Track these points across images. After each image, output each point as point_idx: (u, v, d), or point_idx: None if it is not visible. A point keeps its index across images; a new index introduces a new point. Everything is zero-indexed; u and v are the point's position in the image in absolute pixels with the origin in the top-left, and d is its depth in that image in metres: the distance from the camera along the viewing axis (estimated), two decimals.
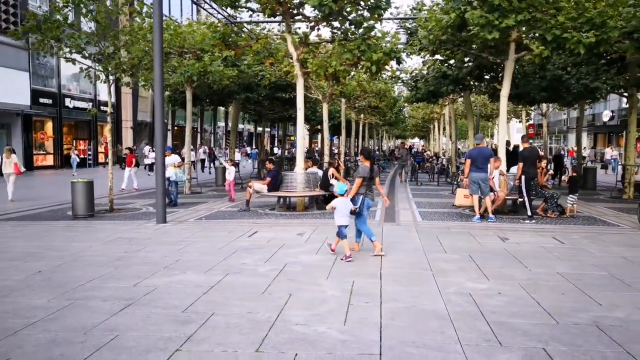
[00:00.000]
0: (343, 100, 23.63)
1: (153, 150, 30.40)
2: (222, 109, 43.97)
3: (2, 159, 16.20)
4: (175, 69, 16.37)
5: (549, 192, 11.69)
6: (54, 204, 14.07)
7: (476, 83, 17.47)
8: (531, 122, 46.65)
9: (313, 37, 14.06)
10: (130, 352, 4.01)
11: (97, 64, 13.24)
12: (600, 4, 10.58)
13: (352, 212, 7.40)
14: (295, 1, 12.34)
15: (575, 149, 23.23)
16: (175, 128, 42.65)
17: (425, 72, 19.16)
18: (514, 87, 13.61)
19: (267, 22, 15.20)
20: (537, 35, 10.94)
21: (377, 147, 55.63)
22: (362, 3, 11.79)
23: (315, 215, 11.86)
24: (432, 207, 13.30)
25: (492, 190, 11.05)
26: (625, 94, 16.95)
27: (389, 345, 4.13)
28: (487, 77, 16.41)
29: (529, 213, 10.99)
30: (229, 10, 14.69)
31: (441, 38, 12.07)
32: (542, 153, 15.72)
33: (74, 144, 33.60)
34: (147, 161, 27.63)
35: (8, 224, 10.78)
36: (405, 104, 37.30)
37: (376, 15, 12.14)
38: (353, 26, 12.43)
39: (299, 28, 13.42)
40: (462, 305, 5.14)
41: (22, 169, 16.01)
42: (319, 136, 51.37)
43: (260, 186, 13.05)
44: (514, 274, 6.39)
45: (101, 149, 35.12)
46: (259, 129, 38.69)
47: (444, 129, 37.46)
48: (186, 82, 16.73)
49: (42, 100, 29.88)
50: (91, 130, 35.64)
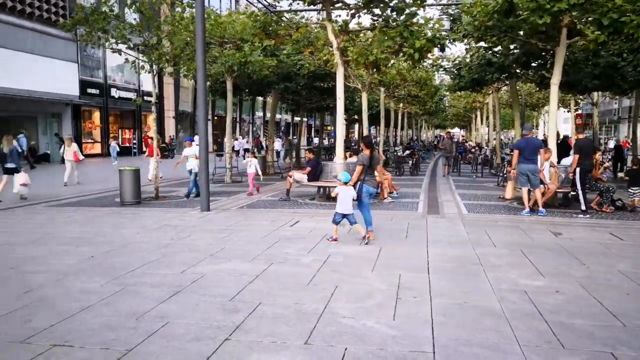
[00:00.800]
0: (382, 89, 23.38)
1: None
2: (260, 98, 44.21)
3: (64, 146, 17.38)
4: (216, 59, 16.50)
5: (604, 185, 11.22)
6: (103, 191, 14.48)
7: (523, 71, 16.93)
8: (579, 111, 45.07)
9: (353, 25, 13.91)
10: (180, 340, 4.08)
11: (141, 55, 13.48)
12: None
13: (355, 200, 7.77)
14: None
15: (629, 140, 22.31)
16: (215, 118, 43.28)
17: (468, 60, 18.72)
18: (564, 75, 13.09)
19: (307, 10, 15.09)
20: (591, 19, 10.48)
21: (415, 137, 54.93)
22: None
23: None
24: (477, 199, 13.02)
25: (542, 182, 10.70)
26: None
27: (441, 343, 4.03)
28: (534, 64, 15.86)
29: (583, 207, 10.49)
30: None
31: (487, 24, 11.72)
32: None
33: (119, 133, 34.48)
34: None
35: (61, 210, 11.15)
36: (447, 93, 36.64)
37: (418, 1, 11.90)
38: (395, 13, 12.22)
39: (339, 16, 13.32)
40: (517, 303, 4.97)
41: (81, 157, 17.18)
42: (356, 126, 51.16)
43: (300, 176, 13.07)
44: (571, 271, 6.14)
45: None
46: (297, 118, 38.76)
47: (487, 118, 36.65)
48: (227, 72, 16.85)
49: (89, 91, 30.73)
50: (135, 119, 36.49)
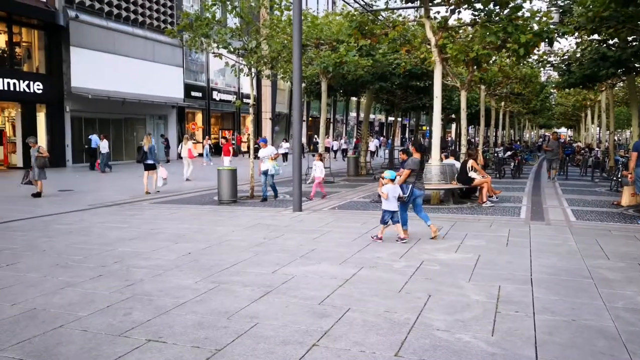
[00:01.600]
0: (482, 87, 22.37)
1: (285, 140, 31.46)
2: (354, 99, 44.25)
3: (181, 144, 18.96)
4: (312, 61, 16.65)
5: None
6: (204, 189, 15.11)
7: None
8: None
9: (452, 21, 13.40)
10: (268, 342, 4.03)
11: (240, 58, 13.90)
12: None
13: (399, 199, 7.88)
14: None
15: None
16: (310, 119, 43.93)
17: (579, 54, 17.37)
18: None
19: (405, 8, 14.74)
20: None
21: (518, 137, 52.21)
22: None
23: (452, 209, 11.32)
24: (586, 205, 11.98)
25: None
26: None
27: None
28: None
29: None
30: None
31: (602, 15, 10.77)
32: None
33: (219, 134, 36.02)
34: (280, 151, 28.59)
35: (164, 207, 11.76)
36: (554, 90, 34.40)
37: None
38: (498, 7, 11.58)
39: (438, 12, 12.86)
40: (637, 325, 4.42)
41: (195, 154, 18.16)
42: (453, 125, 49.59)
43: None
44: None
45: (244, 138, 37.23)
46: (391, 118, 38.27)
47: (598, 117, 33.94)
48: (322, 73, 16.96)
49: (193, 94, 32.41)
50: (235, 121, 37.98)
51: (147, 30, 27.97)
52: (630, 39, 13.24)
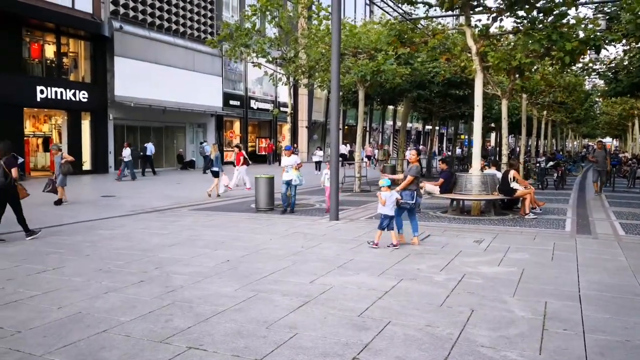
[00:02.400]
0: (524, 96, 21.90)
1: (320, 149, 31.43)
2: (391, 107, 44.02)
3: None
4: (349, 69, 16.65)
5: None
6: (241, 197, 15.24)
7: None
8: None
9: (494, 29, 13.17)
10: (307, 354, 3.99)
11: (279, 67, 14.03)
12: None
13: (398, 205, 8.12)
14: None
15: None
16: (346, 127, 43.90)
17: (627, 62, 16.80)
18: None
19: (445, 16, 14.62)
20: None
21: (560, 147, 50.86)
22: None
23: (493, 221, 11.06)
24: (636, 218, 11.46)
25: None
26: None
27: None
28: None
29: None
30: (404, 7, 14.47)
31: None
32: None
33: (256, 142, 36.40)
34: (314, 159, 28.56)
35: (202, 214, 11.90)
36: (599, 99, 33.42)
37: (569, 0, 10.89)
38: (541, 14, 11.33)
39: (479, 20, 12.67)
40: None
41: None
42: (492, 134, 48.65)
43: (432, 187, 12.61)
44: None
45: (282, 144, 37.47)
46: (428, 127, 37.88)
47: None
48: (359, 82, 16.92)
49: (231, 102, 32.89)
50: (272, 129, 38.32)
51: (188, 40, 28.57)
52: None
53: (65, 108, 22.90)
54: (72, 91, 22.85)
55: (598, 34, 11.23)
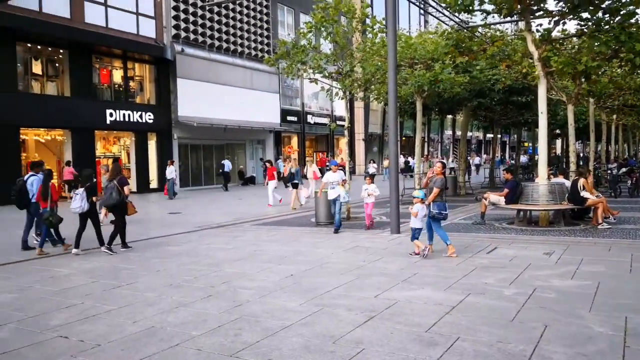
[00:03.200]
0: (592, 100, 20.97)
1: (373, 162, 31.22)
2: (450, 117, 43.32)
3: (307, 166, 19.25)
4: (406, 81, 16.56)
5: None
6: (300, 211, 15.39)
7: None
8: None
9: (556, 33, 12.75)
10: None
11: (335, 82, 14.14)
12: None
13: (431, 217, 8.39)
14: None
15: None
16: (403, 139, 43.52)
17: None
18: None
19: (504, 22, 14.32)
20: None
21: (632, 152, 48.23)
22: None
23: (563, 232, 10.61)
24: None
25: None
26: None
27: None
28: None
29: None
30: (461, 15, 14.28)
31: None
32: None
33: (314, 156, 36.71)
34: (370, 170, 28.46)
35: (264, 229, 12.10)
36: None
37: None
38: (607, 15, 10.86)
39: (540, 25, 12.31)
40: None
41: (319, 175, 18.11)
42: (557, 141, 46.77)
43: (496, 198, 12.28)
44: None
45: (338, 159, 37.63)
46: (489, 135, 36.93)
47: None
48: (416, 93, 16.78)
49: (289, 118, 33.39)
50: (328, 143, 38.56)
51: (246, 60, 29.34)
52: None
53: (133, 129, 24.01)
54: (139, 113, 23.94)
55: None
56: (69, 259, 8.97)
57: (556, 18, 11.61)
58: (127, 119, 23.39)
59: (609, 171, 21.56)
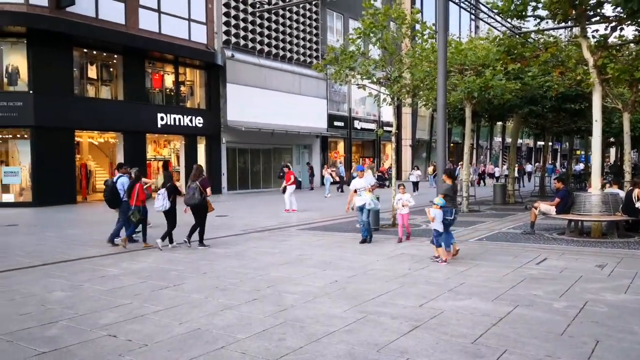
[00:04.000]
0: None
1: (416, 168, 30.76)
2: (499, 123, 42.35)
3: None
4: (455, 87, 16.34)
5: None
6: (347, 216, 15.38)
7: None
8: None
9: (613, 39, 12.29)
10: None
11: (383, 88, 14.09)
12: None
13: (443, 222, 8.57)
14: (592, 2, 10.98)
15: None
16: (451, 145, 42.86)
17: None
18: None
19: (557, 28, 13.90)
20: None
21: None
22: None
23: (617, 244, 10.20)
24: None
25: None
26: None
27: None
28: None
29: None
30: (513, 21, 13.98)
31: None
32: None
33: (360, 162, 36.66)
34: (411, 179, 27.98)
35: (309, 233, 12.18)
36: None
37: None
38: None
39: (596, 30, 11.89)
40: None
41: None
42: (612, 150, 44.95)
43: (547, 207, 11.93)
44: None
45: (386, 165, 37.41)
46: (540, 143, 35.87)
47: None
48: (466, 99, 16.53)
49: (335, 123, 33.51)
50: (375, 148, 38.43)
51: (294, 65, 29.66)
52: None
53: (183, 133, 24.67)
54: (189, 117, 24.59)
55: None
56: (119, 259, 9.30)
57: (613, 24, 11.20)
58: (177, 123, 24.06)
59: None
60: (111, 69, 22.96)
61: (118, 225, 10.72)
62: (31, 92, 19.14)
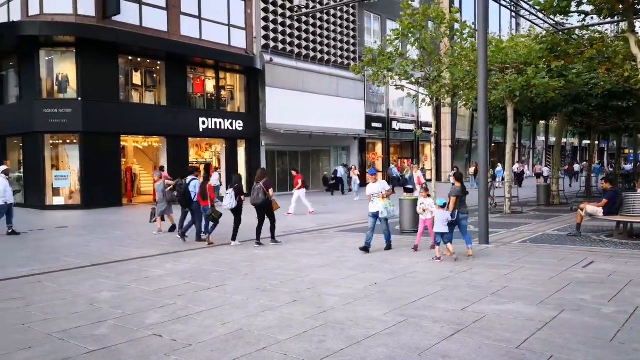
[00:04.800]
0: None
1: (456, 169, 30.08)
2: (542, 122, 41.28)
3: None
4: (496, 85, 16.03)
5: None
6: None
7: None
8: None
9: None
10: None
11: (421, 88, 13.97)
12: None
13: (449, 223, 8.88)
14: None
15: None
16: (493, 145, 42.03)
17: None
18: None
19: (604, 23, 13.48)
20: None
21: None
22: None
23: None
24: None
25: None
26: None
27: None
28: None
29: None
30: (555, 18, 13.62)
31: None
32: None
33: (398, 163, 36.41)
34: (452, 181, 27.23)
35: (349, 235, 12.17)
36: None
37: None
38: None
39: None
40: None
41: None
42: None
43: (594, 209, 11.55)
44: None
45: (426, 165, 36.98)
46: (585, 142, 34.77)
47: None
48: (507, 98, 16.19)
49: (373, 125, 33.37)
50: (413, 149, 38.08)
51: (332, 68, 29.72)
52: None
53: (224, 136, 25.07)
54: (230, 121, 24.98)
55: None
56: (163, 260, 9.54)
57: None
58: (218, 127, 24.47)
59: None
60: (155, 75, 23.56)
61: (197, 224, 11.65)
62: (79, 99, 19.85)
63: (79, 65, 19.96)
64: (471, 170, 31.70)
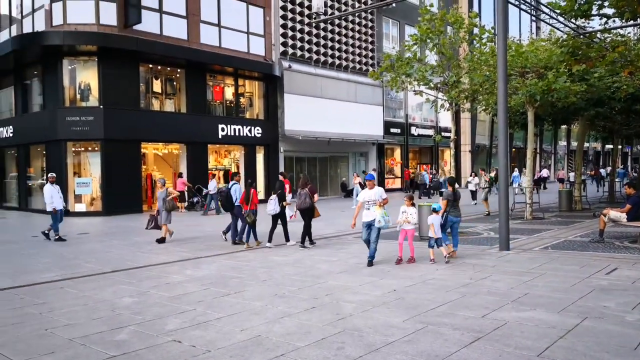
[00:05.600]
0: None
1: (474, 175, 29.59)
2: (564, 127, 40.72)
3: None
4: (516, 90, 15.87)
5: None
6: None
7: None
8: None
9: None
10: None
11: (440, 93, 13.92)
12: None
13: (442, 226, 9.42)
14: None
15: None
16: (513, 150, 41.59)
17: None
18: None
19: (626, 26, 13.25)
20: None
21: None
22: None
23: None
24: None
25: None
26: None
27: None
28: None
29: None
30: (577, 21, 13.46)
31: None
32: None
33: (417, 168, 36.21)
34: (469, 187, 25.87)
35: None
36: None
37: None
38: None
39: None
40: None
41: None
42: None
43: (617, 214, 11.33)
44: None
45: (444, 171, 36.71)
46: (608, 146, 34.18)
47: None
48: (528, 103, 16.02)
49: (392, 130, 33.28)
50: (432, 155, 37.85)
51: (350, 73, 29.75)
52: None
53: (243, 143, 25.23)
54: (248, 128, 25.14)
55: None
56: (182, 266, 9.61)
57: None
58: (237, 134, 24.64)
59: None
60: (174, 83, 23.84)
61: (242, 225, 12.09)
62: (101, 106, 20.17)
63: (100, 74, 20.30)
64: (492, 175, 30.94)
